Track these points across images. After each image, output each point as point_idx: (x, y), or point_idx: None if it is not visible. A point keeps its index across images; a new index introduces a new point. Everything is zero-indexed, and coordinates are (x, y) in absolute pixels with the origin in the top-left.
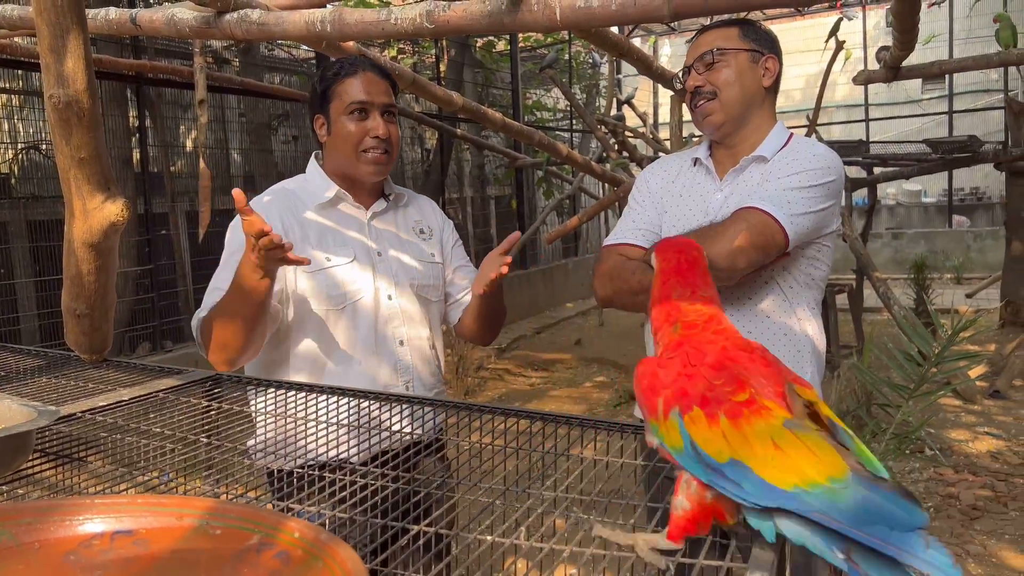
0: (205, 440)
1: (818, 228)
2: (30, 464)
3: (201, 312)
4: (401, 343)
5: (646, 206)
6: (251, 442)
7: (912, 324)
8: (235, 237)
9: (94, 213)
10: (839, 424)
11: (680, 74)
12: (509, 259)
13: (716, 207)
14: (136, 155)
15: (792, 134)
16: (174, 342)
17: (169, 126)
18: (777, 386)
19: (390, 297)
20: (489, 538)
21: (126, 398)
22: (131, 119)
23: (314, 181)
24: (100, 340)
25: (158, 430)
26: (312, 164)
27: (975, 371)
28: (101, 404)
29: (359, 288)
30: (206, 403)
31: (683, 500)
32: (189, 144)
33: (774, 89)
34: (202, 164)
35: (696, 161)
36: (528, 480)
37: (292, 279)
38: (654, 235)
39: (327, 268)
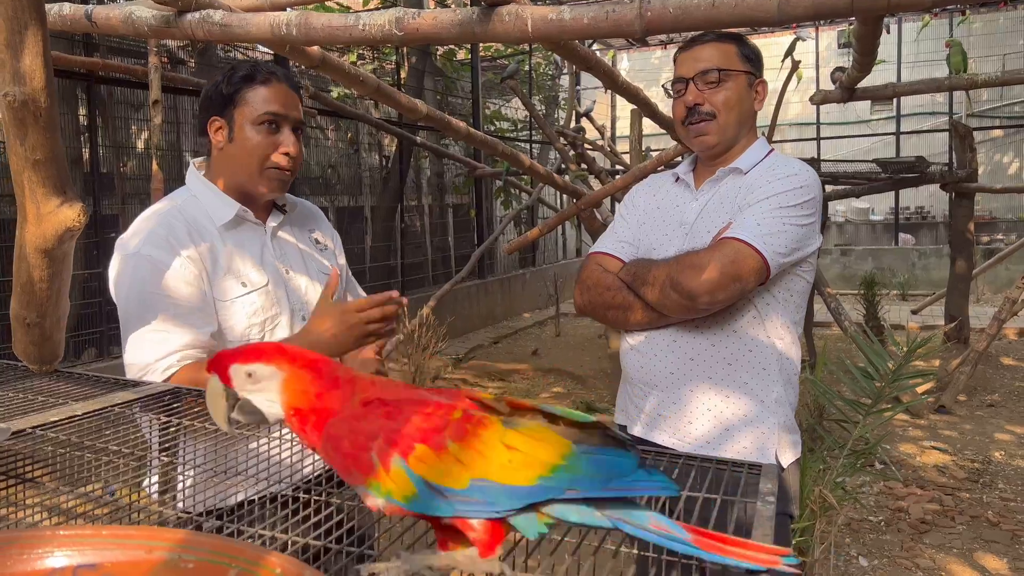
0: (166, 459)
1: (799, 248)
2: None
3: (158, 365)
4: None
5: (629, 220)
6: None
7: (868, 341)
8: (157, 269)
9: (48, 218)
10: (537, 404)
11: (671, 84)
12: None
13: (692, 217)
14: (86, 155)
15: (772, 149)
16: (120, 347)
17: (120, 126)
18: (466, 399)
19: (304, 318)
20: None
21: (79, 413)
22: (81, 118)
23: (207, 198)
24: (51, 351)
25: (115, 447)
26: (195, 177)
27: (923, 388)
28: (53, 419)
29: (277, 312)
30: (164, 418)
31: (478, 535)
32: (141, 145)
33: (760, 109)
34: (155, 166)
35: (676, 178)
36: None
37: (213, 311)
38: (633, 248)
39: (244, 294)
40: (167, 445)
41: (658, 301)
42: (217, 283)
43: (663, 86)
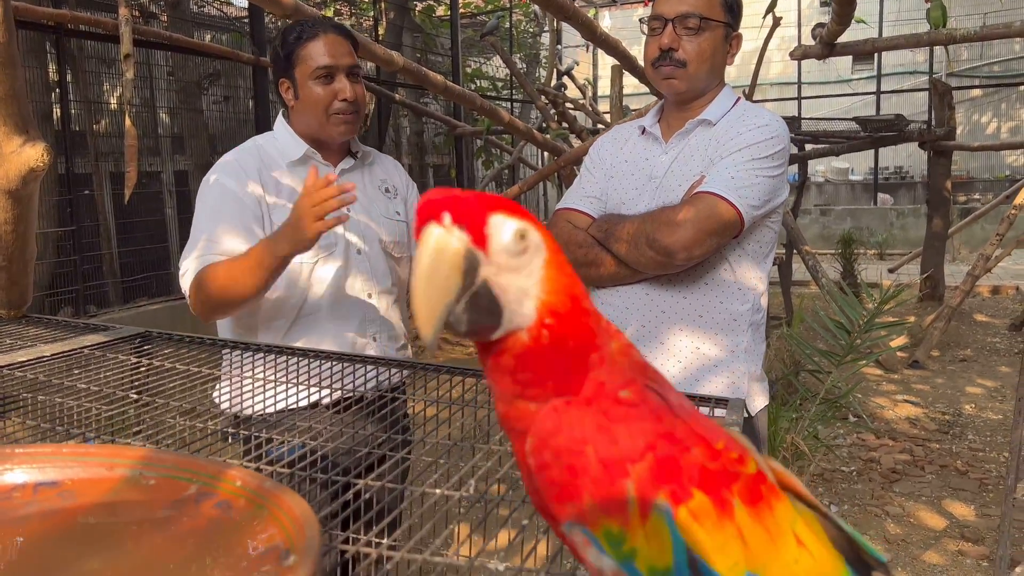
0: (135, 396)
1: (771, 200)
2: None
3: (194, 262)
4: (369, 296)
5: (596, 175)
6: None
7: (841, 294)
8: (223, 192)
9: (12, 158)
10: (801, 485)
11: (648, 19)
12: None
13: (662, 170)
14: (57, 111)
15: (739, 98)
16: (98, 307)
17: (92, 82)
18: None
19: (359, 252)
20: (438, 491)
21: (47, 354)
22: (51, 73)
23: (283, 139)
24: (18, 295)
25: (83, 386)
26: (280, 123)
27: (896, 342)
28: (20, 360)
29: (331, 243)
30: (135, 359)
31: None
32: (114, 102)
33: (731, 64)
34: (128, 123)
35: (643, 130)
36: (475, 436)
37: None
38: (601, 203)
39: None
40: (138, 385)
41: (631, 257)
42: (278, 212)
43: (638, 19)
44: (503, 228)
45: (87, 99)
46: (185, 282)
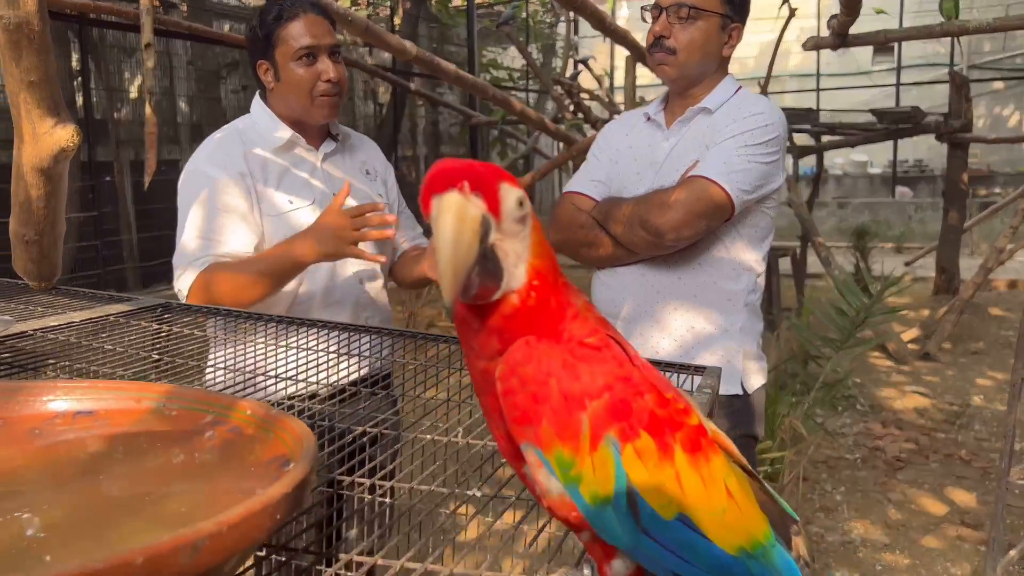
0: (156, 357)
1: (763, 185)
2: None
3: (194, 263)
4: (361, 282)
5: (602, 160)
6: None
7: (846, 282)
8: (212, 184)
9: (44, 138)
10: (736, 450)
11: (650, 8)
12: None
13: (662, 157)
14: (79, 100)
15: (740, 87)
16: (117, 290)
17: (113, 71)
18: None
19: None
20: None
21: (76, 320)
22: (73, 62)
23: (264, 123)
24: (49, 268)
25: (109, 347)
26: (259, 105)
27: (908, 334)
28: (52, 324)
29: None
30: (156, 326)
31: (622, 564)
32: (134, 91)
33: (729, 55)
34: (148, 110)
35: (648, 117)
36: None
37: (258, 223)
38: (606, 187)
39: (291, 211)
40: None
41: (626, 238)
42: (266, 199)
43: (641, 7)
44: (510, 196)
45: (109, 87)
46: (184, 283)
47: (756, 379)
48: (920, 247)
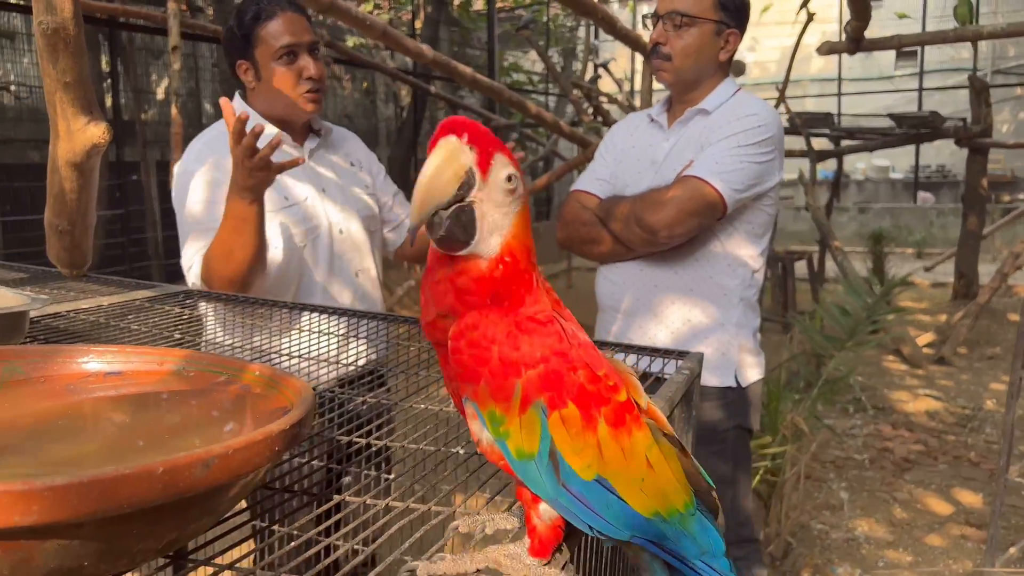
0: (179, 336)
1: (757, 184)
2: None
3: (197, 253)
4: (356, 274)
5: (607, 159)
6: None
7: (853, 283)
8: (206, 182)
9: (78, 134)
10: (672, 430)
11: (651, 16)
12: None
13: (662, 156)
14: (108, 102)
15: (739, 89)
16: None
17: (141, 73)
18: (616, 372)
19: (341, 231)
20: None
21: (106, 304)
22: (103, 64)
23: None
24: (80, 256)
25: (135, 327)
26: (240, 103)
27: (923, 339)
28: (83, 307)
29: (316, 225)
30: (179, 310)
31: (549, 509)
32: (161, 93)
33: (730, 59)
34: (174, 111)
35: (651, 118)
36: None
37: None
38: (611, 185)
39: (286, 208)
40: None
41: (623, 235)
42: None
43: (643, 16)
44: (502, 165)
45: (136, 89)
46: (193, 274)
47: (752, 373)
48: (941, 252)
